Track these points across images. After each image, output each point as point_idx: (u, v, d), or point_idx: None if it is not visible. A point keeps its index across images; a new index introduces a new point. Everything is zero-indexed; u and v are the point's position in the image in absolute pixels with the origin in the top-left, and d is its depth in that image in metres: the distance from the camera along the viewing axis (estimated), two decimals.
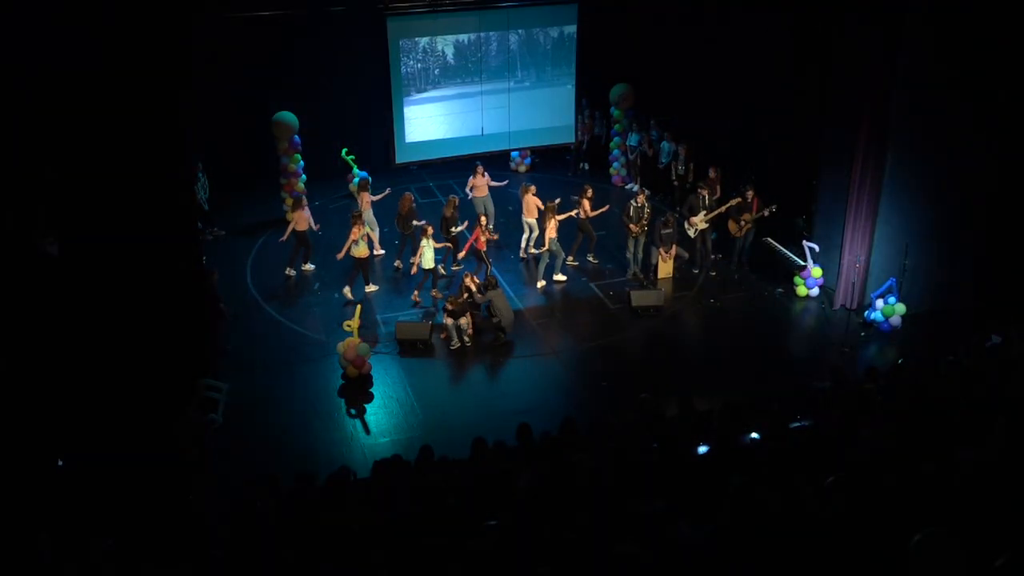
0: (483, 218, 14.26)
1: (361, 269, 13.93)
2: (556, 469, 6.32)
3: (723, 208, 14.39)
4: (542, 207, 14.45)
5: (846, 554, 4.43)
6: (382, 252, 15.14)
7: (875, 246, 12.94)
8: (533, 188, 15.07)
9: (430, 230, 13.62)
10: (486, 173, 15.73)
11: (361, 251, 13.74)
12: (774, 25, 14.48)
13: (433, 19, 15.51)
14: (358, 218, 13.78)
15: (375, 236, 14.87)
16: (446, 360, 12.59)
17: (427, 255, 13.58)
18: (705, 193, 14.51)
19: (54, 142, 9.74)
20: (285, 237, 14.51)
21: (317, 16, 16.03)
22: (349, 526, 6.08)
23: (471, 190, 15.67)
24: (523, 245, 15.20)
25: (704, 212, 14.47)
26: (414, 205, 14.81)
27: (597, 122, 18.76)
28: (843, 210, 13.01)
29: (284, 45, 16.47)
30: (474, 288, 12.77)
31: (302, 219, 14.50)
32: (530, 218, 14.93)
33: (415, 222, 14.37)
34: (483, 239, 13.99)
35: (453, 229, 14.33)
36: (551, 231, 14.10)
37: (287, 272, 14.66)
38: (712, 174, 14.98)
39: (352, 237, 13.63)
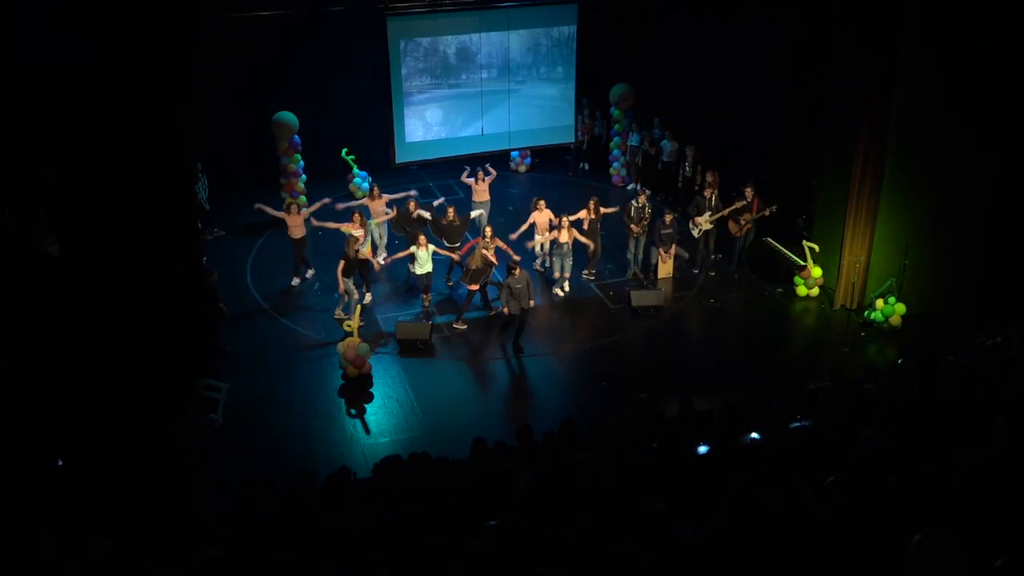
0: (488, 230, 13.66)
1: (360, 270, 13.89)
2: (556, 469, 6.32)
3: (727, 211, 14.38)
4: (555, 220, 13.89)
5: (846, 554, 4.43)
6: (383, 257, 15.09)
7: (875, 246, 12.95)
8: (543, 203, 14.41)
9: (423, 238, 13.38)
10: (485, 177, 15.42)
11: (364, 252, 13.68)
12: (774, 25, 14.48)
13: (433, 19, 15.53)
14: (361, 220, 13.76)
15: (381, 242, 14.88)
16: (446, 360, 12.59)
17: (422, 260, 13.39)
18: (710, 193, 14.50)
19: (54, 142, 9.75)
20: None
21: (317, 16, 16.04)
22: (349, 526, 6.08)
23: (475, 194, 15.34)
24: (538, 260, 14.77)
25: (710, 213, 14.46)
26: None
27: (597, 122, 18.76)
28: (843, 210, 13.01)
29: (284, 45, 16.47)
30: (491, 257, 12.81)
31: (297, 225, 14.19)
32: (541, 236, 14.20)
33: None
34: (488, 252, 13.17)
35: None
36: (563, 237, 13.75)
37: (307, 275, 14.58)
38: (710, 178, 14.92)
39: (350, 229, 13.42)
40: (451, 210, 14.21)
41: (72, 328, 9.88)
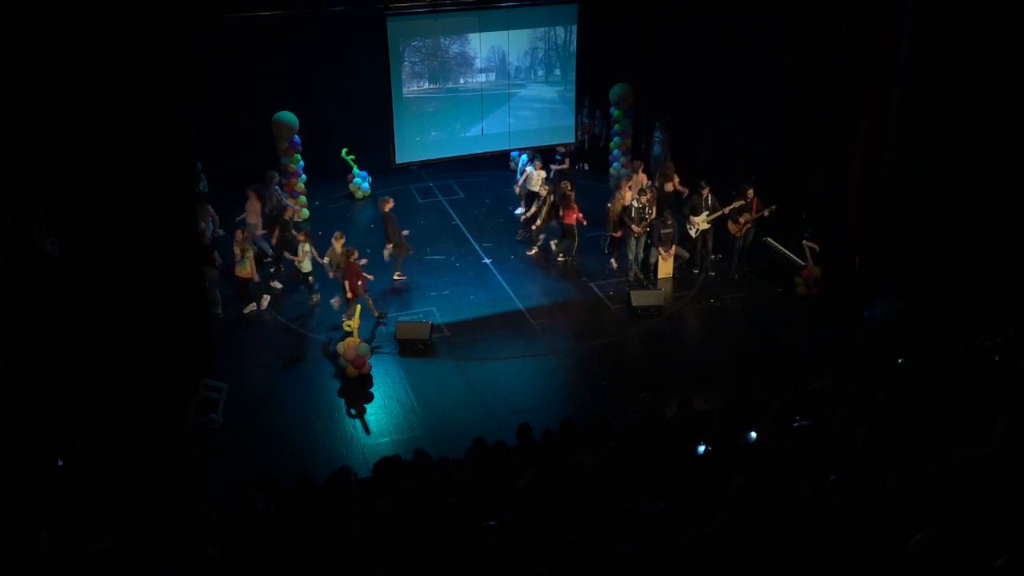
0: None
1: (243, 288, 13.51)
2: (556, 469, 6.32)
3: (726, 209, 14.37)
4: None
5: (846, 554, 4.43)
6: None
7: (874, 246, 12.94)
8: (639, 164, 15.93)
9: (302, 236, 13.38)
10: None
11: (246, 270, 13.29)
12: (775, 24, 14.48)
13: (433, 19, 15.49)
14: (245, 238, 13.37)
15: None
16: (446, 360, 12.59)
17: (306, 261, 13.38)
18: (707, 193, 14.49)
19: (54, 142, 9.74)
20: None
21: (317, 16, 16.03)
22: (349, 526, 6.08)
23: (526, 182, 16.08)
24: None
25: (706, 212, 14.45)
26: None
27: (597, 122, 18.76)
28: (843, 210, 13.01)
29: (284, 45, 16.47)
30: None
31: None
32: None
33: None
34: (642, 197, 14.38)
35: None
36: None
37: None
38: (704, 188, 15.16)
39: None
40: (565, 187, 14.97)
41: (72, 328, 9.88)
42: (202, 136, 15.05)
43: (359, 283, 12.75)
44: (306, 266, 13.50)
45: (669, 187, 15.58)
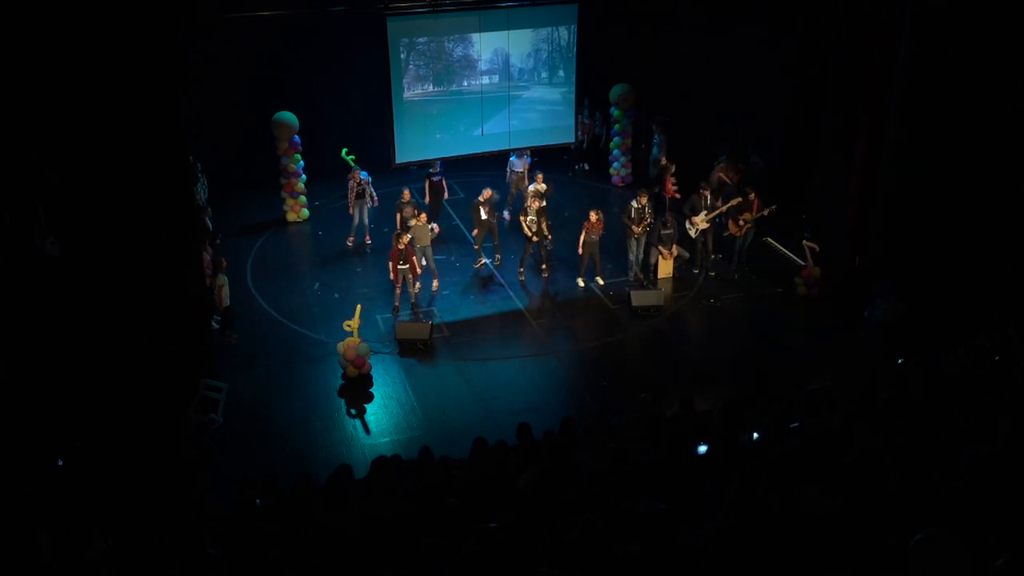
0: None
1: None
2: (556, 469, 6.31)
3: (723, 207, 14.37)
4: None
5: (846, 554, 4.43)
6: None
7: (874, 246, 12.94)
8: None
9: (224, 263, 12.72)
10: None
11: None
12: (775, 25, 14.49)
13: (433, 19, 15.50)
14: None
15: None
16: (446, 360, 12.59)
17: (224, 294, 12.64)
18: (707, 193, 14.48)
19: (54, 142, 9.75)
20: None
21: (317, 16, 16.03)
22: (348, 526, 6.07)
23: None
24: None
25: (705, 212, 14.45)
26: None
27: (597, 122, 18.74)
28: (843, 210, 13.01)
29: (284, 45, 16.47)
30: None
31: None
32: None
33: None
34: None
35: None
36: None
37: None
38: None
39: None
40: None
41: (73, 328, 9.88)
42: (202, 136, 15.05)
43: (400, 267, 13.12)
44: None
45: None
